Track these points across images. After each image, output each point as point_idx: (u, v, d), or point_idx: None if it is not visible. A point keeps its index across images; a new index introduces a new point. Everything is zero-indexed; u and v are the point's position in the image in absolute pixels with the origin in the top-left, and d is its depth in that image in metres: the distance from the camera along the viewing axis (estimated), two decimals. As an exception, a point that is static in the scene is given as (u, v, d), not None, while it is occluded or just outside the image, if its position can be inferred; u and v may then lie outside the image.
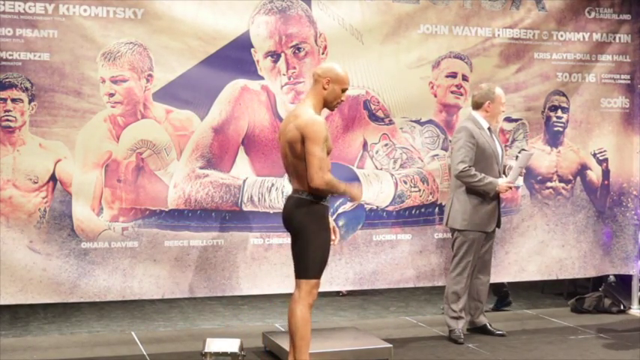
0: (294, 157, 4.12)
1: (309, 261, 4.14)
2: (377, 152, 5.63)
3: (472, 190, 5.25)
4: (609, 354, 5.09)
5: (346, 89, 4.23)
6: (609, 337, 5.51)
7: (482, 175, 5.20)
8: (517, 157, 5.41)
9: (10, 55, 4.90)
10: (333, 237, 4.32)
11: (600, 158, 6.22)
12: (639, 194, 6.25)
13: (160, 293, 5.26)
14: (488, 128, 5.33)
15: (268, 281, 5.45)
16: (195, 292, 5.34)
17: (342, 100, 4.26)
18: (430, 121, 5.77)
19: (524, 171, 5.48)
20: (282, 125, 4.28)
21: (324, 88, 4.18)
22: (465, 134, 5.24)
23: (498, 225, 5.43)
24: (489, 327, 5.50)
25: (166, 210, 5.21)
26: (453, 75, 5.78)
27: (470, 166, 5.20)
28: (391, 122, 5.66)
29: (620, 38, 6.18)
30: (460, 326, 5.36)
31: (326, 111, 4.37)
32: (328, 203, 4.22)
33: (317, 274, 4.16)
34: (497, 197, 5.33)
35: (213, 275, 5.33)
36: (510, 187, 5.30)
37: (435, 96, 5.77)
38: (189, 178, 5.24)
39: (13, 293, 4.96)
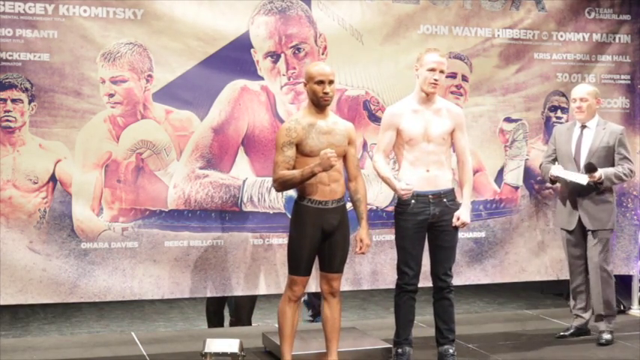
0: None
1: (289, 257, 4.34)
2: (377, 152, 5.62)
3: (560, 190, 5.40)
4: (609, 354, 5.08)
5: (322, 81, 4.19)
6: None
7: (545, 164, 5.38)
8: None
9: (10, 55, 4.91)
10: (358, 249, 4.44)
11: (600, 159, 6.20)
12: (639, 195, 6.25)
13: (160, 293, 5.26)
14: (582, 126, 5.28)
15: (268, 281, 5.46)
16: (195, 293, 5.34)
17: (325, 93, 4.21)
18: (430, 122, 5.75)
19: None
20: None
21: (307, 91, 4.29)
22: (552, 135, 5.50)
23: (584, 226, 5.24)
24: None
25: (166, 210, 5.21)
26: (453, 75, 5.76)
27: (542, 162, 5.44)
28: (391, 122, 5.65)
29: (620, 39, 6.18)
30: (575, 324, 5.41)
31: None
32: (311, 203, 4.26)
33: (293, 271, 4.31)
34: (576, 195, 5.19)
35: (213, 275, 5.33)
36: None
37: (435, 96, 5.76)
38: (189, 178, 5.24)
39: (13, 293, 4.96)
